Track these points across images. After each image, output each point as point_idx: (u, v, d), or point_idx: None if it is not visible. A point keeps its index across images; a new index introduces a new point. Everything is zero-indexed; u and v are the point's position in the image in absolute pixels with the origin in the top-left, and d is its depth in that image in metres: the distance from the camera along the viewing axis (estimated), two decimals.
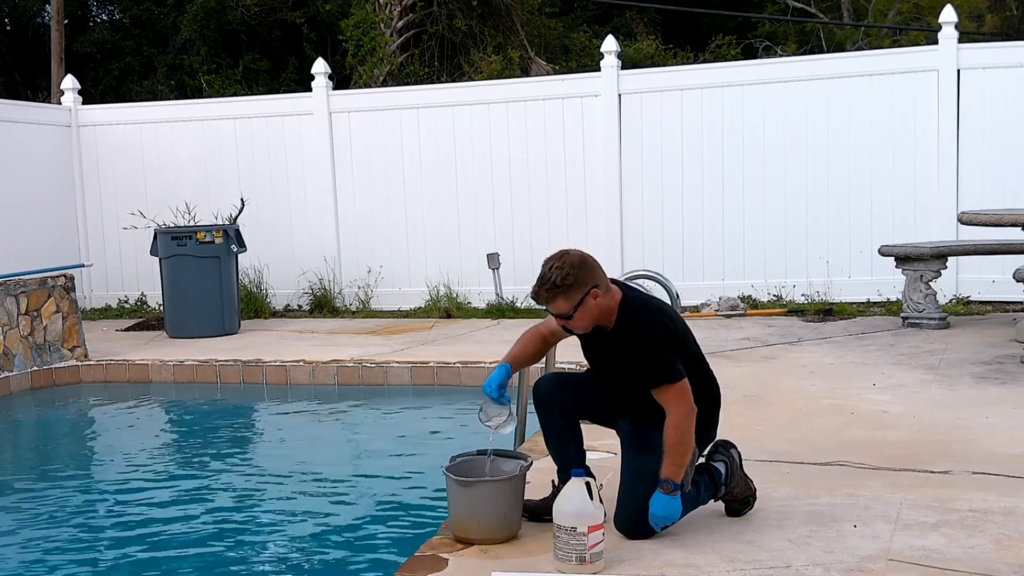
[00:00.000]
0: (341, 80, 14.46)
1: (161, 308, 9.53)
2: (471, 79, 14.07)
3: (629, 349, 3.48)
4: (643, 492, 3.46)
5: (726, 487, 3.69)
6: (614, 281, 3.61)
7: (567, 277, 3.40)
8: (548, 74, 14.33)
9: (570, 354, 5.00)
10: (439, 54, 15.39)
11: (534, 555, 3.43)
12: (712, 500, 3.70)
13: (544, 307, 3.51)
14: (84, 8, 20.37)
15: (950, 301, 8.89)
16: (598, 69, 9.88)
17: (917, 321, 7.89)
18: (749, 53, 18.35)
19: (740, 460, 3.75)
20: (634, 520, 3.50)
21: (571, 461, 3.69)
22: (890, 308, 8.86)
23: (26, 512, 4.90)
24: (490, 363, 6.91)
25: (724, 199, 9.52)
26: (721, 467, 3.69)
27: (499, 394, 3.64)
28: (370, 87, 14.27)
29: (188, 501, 4.96)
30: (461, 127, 10.11)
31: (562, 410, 3.74)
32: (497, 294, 9.87)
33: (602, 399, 3.71)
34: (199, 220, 9.86)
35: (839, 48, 18.37)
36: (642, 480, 3.48)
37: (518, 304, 9.63)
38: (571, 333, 3.62)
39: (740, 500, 3.72)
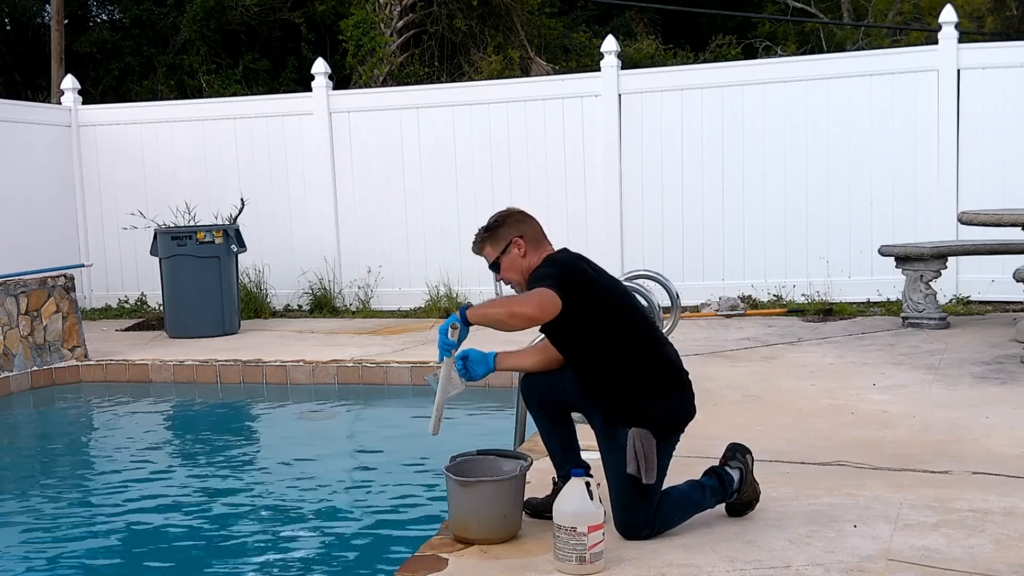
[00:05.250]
0: (341, 80, 14.46)
1: (161, 308, 9.53)
2: (471, 79, 14.07)
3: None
4: (626, 491, 3.48)
5: (737, 493, 3.68)
6: (570, 255, 3.63)
7: (493, 223, 3.63)
8: (548, 74, 14.33)
9: None
10: (439, 54, 15.40)
11: (534, 555, 3.43)
12: (717, 504, 3.69)
13: (479, 256, 3.68)
14: (84, 8, 20.38)
15: (950, 301, 8.90)
16: (598, 69, 9.87)
17: (917, 321, 7.89)
18: (749, 53, 18.34)
19: (752, 465, 3.75)
20: (626, 522, 3.51)
21: (557, 457, 3.74)
22: (890, 308, 8.86)
23: (26, 512, 4.90)
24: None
25: (724, 199, 9.52)
26: (735, 474, 3.67)
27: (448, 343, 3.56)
28: (370, 87, 14.27)
29: (187, 501, 4.96)
30: (461, 127, 10.11)
31: (540, 402, 3.74)
32: (497, 294, 9.85)
33: (579, 389, 3.63)
34: (199, 220, 9.87)
35: (839, 48, 18.37)
36: (622, 480, 3.48)
37: None
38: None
39: (744, 503, 3.71)
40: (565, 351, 3.60)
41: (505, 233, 3.61)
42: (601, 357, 3.50)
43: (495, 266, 3.63)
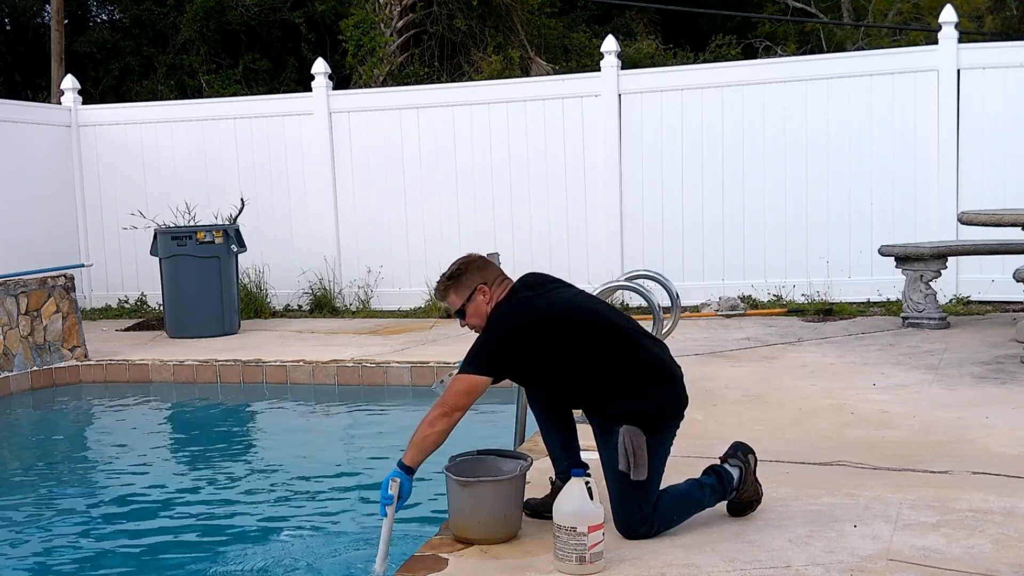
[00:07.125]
0: (341, 80, 14.46)
1: (161, 308, 9.53)
2: (471, 79, 14.07)
3: None
4: (622, 489, 3.49)
5: (736, 492, 3.68)
6: (551, 283, 3.70)
7: (456, 271, 3.66)
8: (548, 74, 14.33)
9: None
10: (439, 54, 15.40)
11: (534, 555, 3.43)
12: (717, 502, 3.69)
13: (443, 303, 3.73)
14: (84, 8, 20.38)
15: (950, 301, 8.89)
16: (598, 69, 9.87)
17: (917, 321, 7.89)
18: (749, 53, 18.35)
19: (755, 465, 3.75)
20: (624, 520, 3.52)
21: (556, 454, 3.76)
22: (890, 308, 8.86)
23: (25, 512, 4.90)
24: None
25: (724, 199, 9.52)
26: (735, 472, 3.68)
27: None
28: (370, 87, 14.27)
29: (186, 501, 4.97)
30: (461, 127, 10.11)
31: (541, 403, 3.76)
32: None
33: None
34: (199, 220, 9.86)
35: (839, 48, 18.38)
36: (617, 478, 3.50)
37: None
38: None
39: (745, 502, 3.71)
40: (538, 384, 3.68)
41: (469, 280, 3.63)
42: (573, 375, 3.53)
43: (460, 313, 3.66)
